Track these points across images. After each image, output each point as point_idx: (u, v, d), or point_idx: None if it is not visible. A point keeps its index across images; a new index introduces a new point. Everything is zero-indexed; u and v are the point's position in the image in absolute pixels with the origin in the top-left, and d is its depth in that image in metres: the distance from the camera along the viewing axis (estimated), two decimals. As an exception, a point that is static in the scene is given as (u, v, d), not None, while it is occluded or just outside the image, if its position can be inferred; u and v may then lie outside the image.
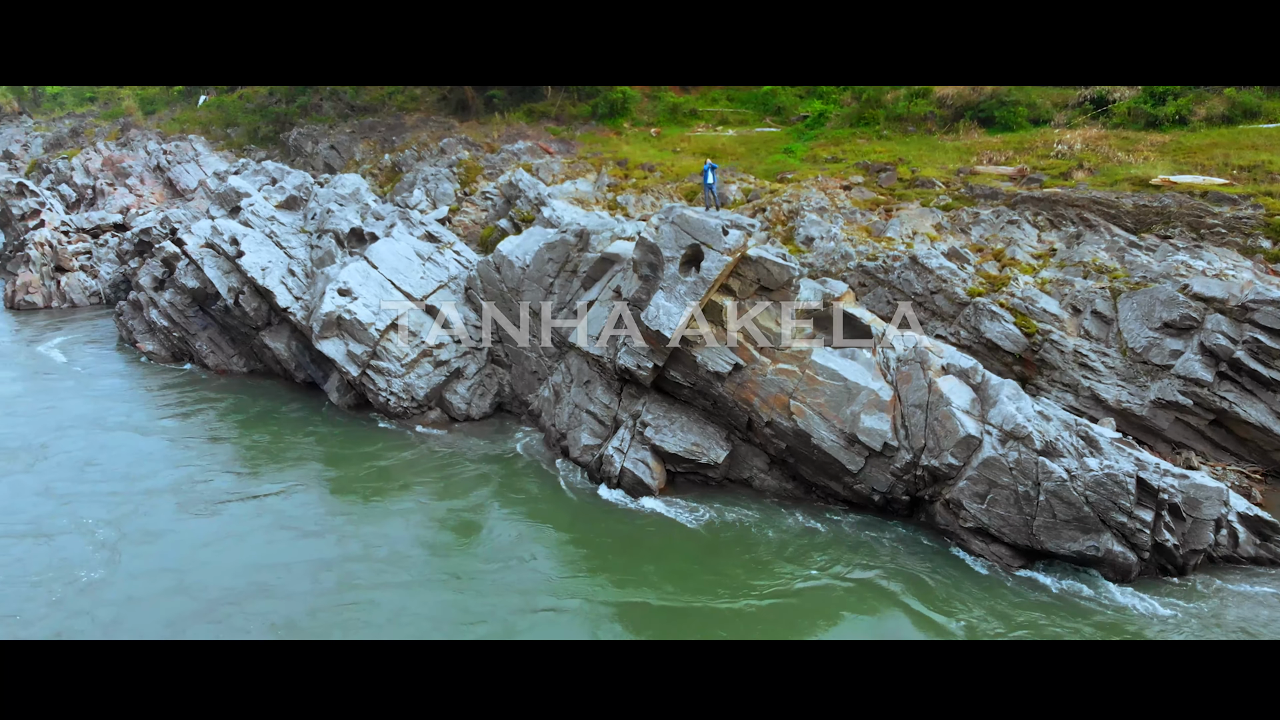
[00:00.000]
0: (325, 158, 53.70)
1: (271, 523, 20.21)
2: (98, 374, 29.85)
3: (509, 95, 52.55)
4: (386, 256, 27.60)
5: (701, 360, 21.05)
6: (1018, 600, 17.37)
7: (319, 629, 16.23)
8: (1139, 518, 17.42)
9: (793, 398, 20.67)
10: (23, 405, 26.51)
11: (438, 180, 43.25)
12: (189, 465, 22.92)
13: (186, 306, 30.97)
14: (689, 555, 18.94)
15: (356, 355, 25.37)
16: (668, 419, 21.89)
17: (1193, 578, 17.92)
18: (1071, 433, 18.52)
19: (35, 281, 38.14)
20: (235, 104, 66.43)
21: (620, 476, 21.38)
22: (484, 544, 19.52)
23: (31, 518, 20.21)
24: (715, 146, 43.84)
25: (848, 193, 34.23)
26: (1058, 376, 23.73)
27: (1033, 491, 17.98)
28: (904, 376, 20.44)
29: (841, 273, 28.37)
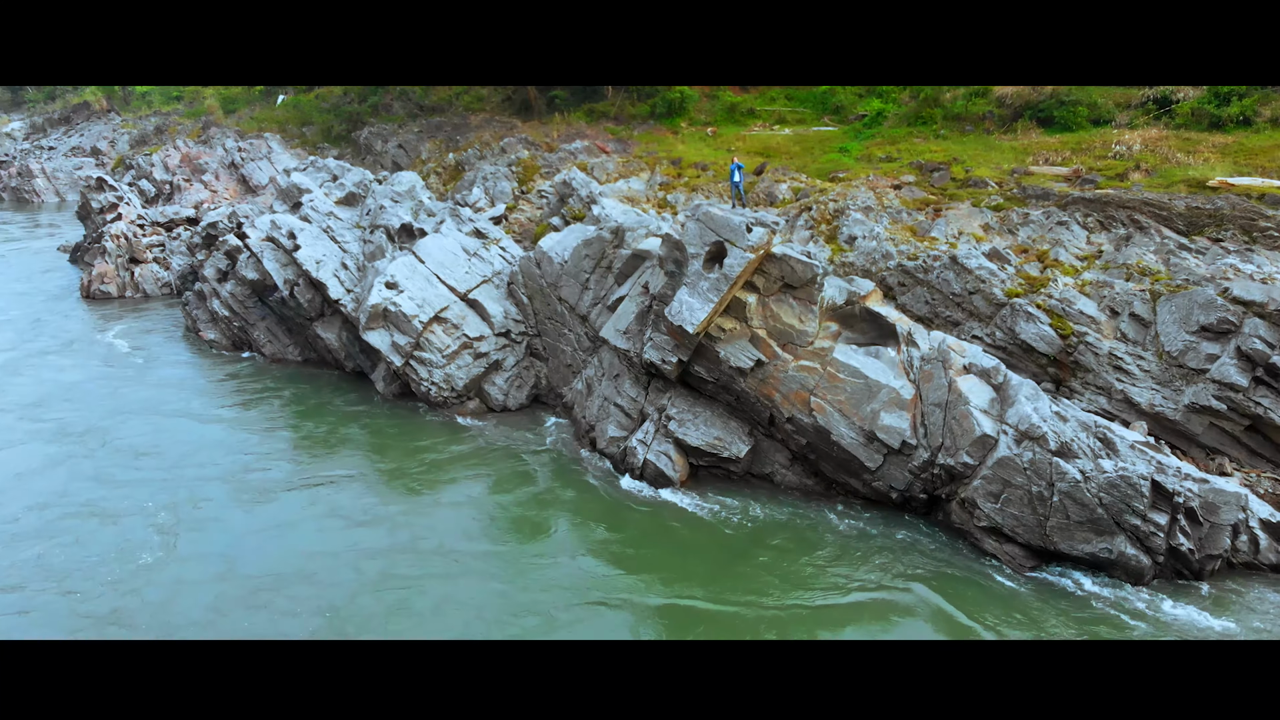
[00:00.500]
0: (394, 156, 55.39)
1: (321, 512, 21.08)
2: (162, 361, 31.51)
3: (571, 95, 53.55)
4: (433, 251, 28.65)
5: (724, 355, 21.53)
6: (1038, 603, 17.45)
7: (359, 616, 16.94)
8: (1153, 521, 17.38)
9: (813, 394, 21.01)
10: (88, 391, 28.16)
11: (496, 179, 44.40)
12: (244, 453, 23.99)
13: (246, 297, 32.54)
14: (707, 552, 19.43)
15: (400, 346, 26.45)
16: (692, 413, 22.41)
17: (1212, 583, 17.80)
18: (1089, 434, 18.53)
19: (110, 272, 40.35)
20: (311, 103, 68.83)
21: (643, 468, 21.99)
22: (521, 536, 20.16)
23: (97, 500, 21.34)
24: (770, 145, 44.14)
25: (897, 192, 34.24)
26: (1091, 379, 23.56)
27: (1046, 492, 18.05)
28: (926, 375, 20.63)
29: (881, 272, 28.47)
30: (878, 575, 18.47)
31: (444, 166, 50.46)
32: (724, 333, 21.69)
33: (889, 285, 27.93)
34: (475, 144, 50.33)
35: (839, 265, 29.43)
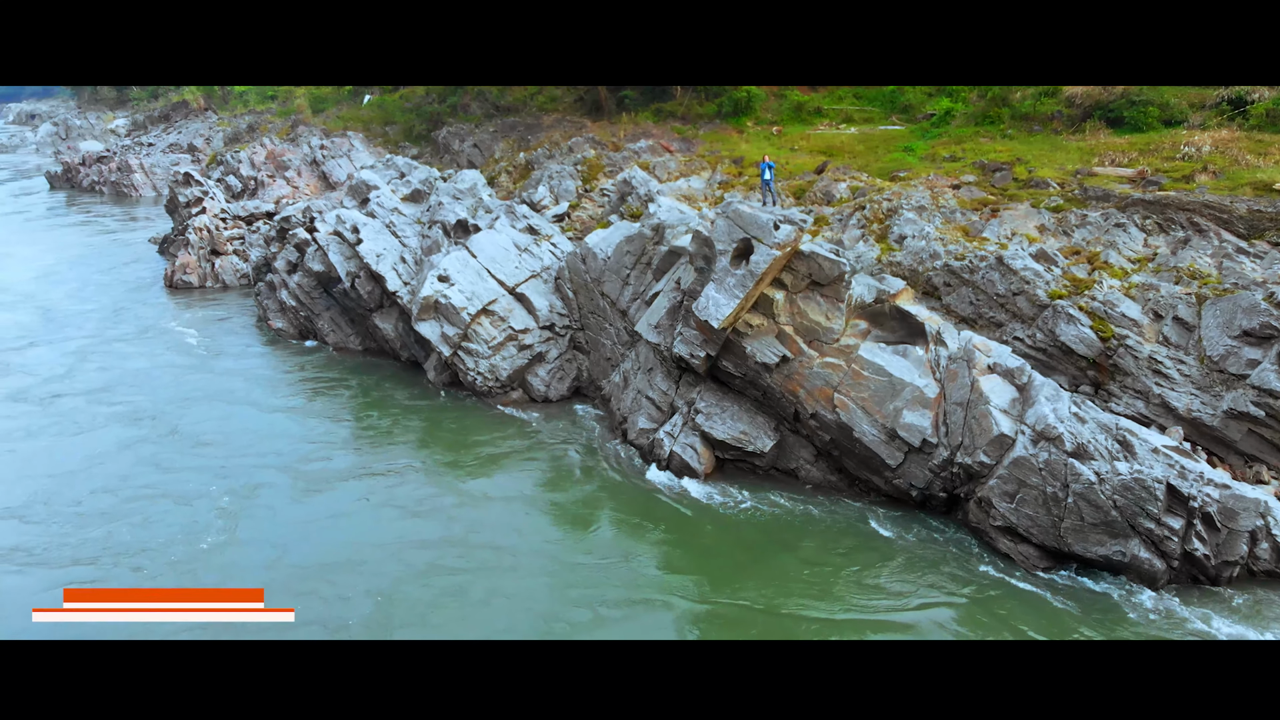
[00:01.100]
0: (469, 155, 57.01)
1: (377, 502, 21.95)
2: (231, 349, 33.36)
3: (640, 95, 54.35)
4: (486, 246, 29.77)
5: (751, 351, 22.03)
6: (1051, 605, 17.55)
7: (401, 602, 17.64)
8: (1167, 525, 17.33)
9: (837, 391, 21.38)
10: (158, 377, 29.96)
11: (561, 177, 45.49)
12: (304, 442, 25.17)
13: (312, 288, 34.21)
14: (725, 550, 19.98)
15: (449, 337, 27.62)
16: (720, 407, 22.97)
17: (1230, 590, 17.64)
18: (1108, 436, 18.51)
19: (192, 263, 42.70)
20: (395, 103, 71.08)
21: (669, 459, 22.65)
22: (558, 529, 20.89)
23: (164, 484, 22.65)
24: (834, 145, 44.21)
25: (956, 192, 34.11)
26: (1130, 383, 23.33)
27: (1061, 493, 18.12)
28: (951, 374, 20.81)
29: (928, 271, 28.51)
30: (894, 575, 18.74)
31: (515, 165, 51.78)
32: (751, 329, 22.20)
33: (934, 285, 27.97)
34: (545, 144, 51.51)
35: (886, 264, 29.58)
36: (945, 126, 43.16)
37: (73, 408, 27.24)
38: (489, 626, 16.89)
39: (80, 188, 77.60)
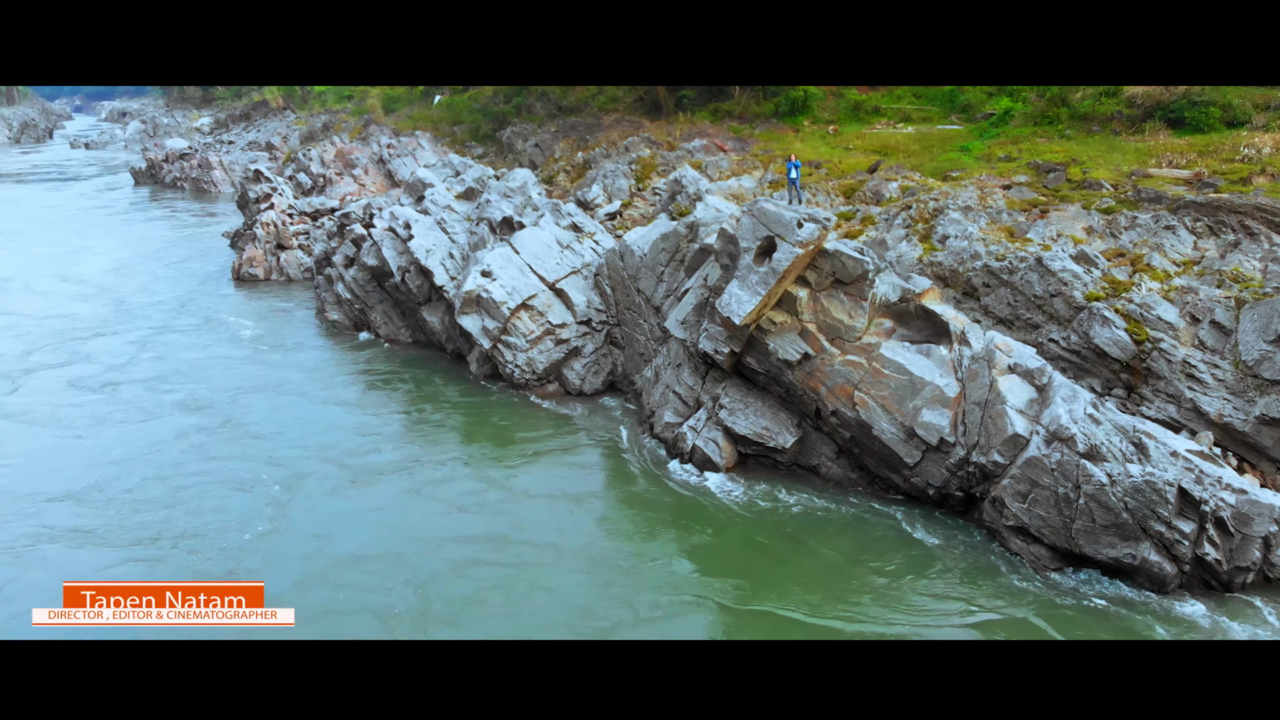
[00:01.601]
0: (530, 154, 58.08)
1: (423, 495, 22.44)
2: (289, 339, 34.78)
3: (698, 95, 54.84)
4: (528, 243, 30.62)
5: (773, 348, 22.41)
6: (1059, 606, 17.64)
7: (435, 594, 18.03)
8: (1178, 528, 17.26)
9: (858, 388, 21.64)
10: (217, 366, 31.25)
11: (615, 176, 46.21)
12: (353, 433, 25.90)
13: (366, 282, 35.50)
14: (734, 546, 20.46)
15: (489, 330, 28.52)
16: (744, 403, 23.39)
17: (1244, 596, 17.49)
18: (1123, 438, 18.47)
19: (259, 256, 44.52)
20: (463, 104, 72.68)
21: (691, 453, 23.15)
22: (588, 524, 21.28)
23: (219, 472, 23.40)
24: (889, 144, 44.16)
25: (1006, 193, 33.91)
26: (1162, 387, 23.09)
27: (1072, 494, 18.16)
28: (971, 374, 20.92)
29: (967, 272, 28.48)
30: (906, 572, 18.93)
31: (573, 165, 52.68)
32: (775, 326, 22.57)
33: (974, 285, 27.97)
34: (602, 143, 52.32)
35: (927, 264, 29.65)
36: (1004, 126, 42.77)
37: (133, 396, 28.52)
38: (522, 624, 17.11)
39: (163, 183, 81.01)
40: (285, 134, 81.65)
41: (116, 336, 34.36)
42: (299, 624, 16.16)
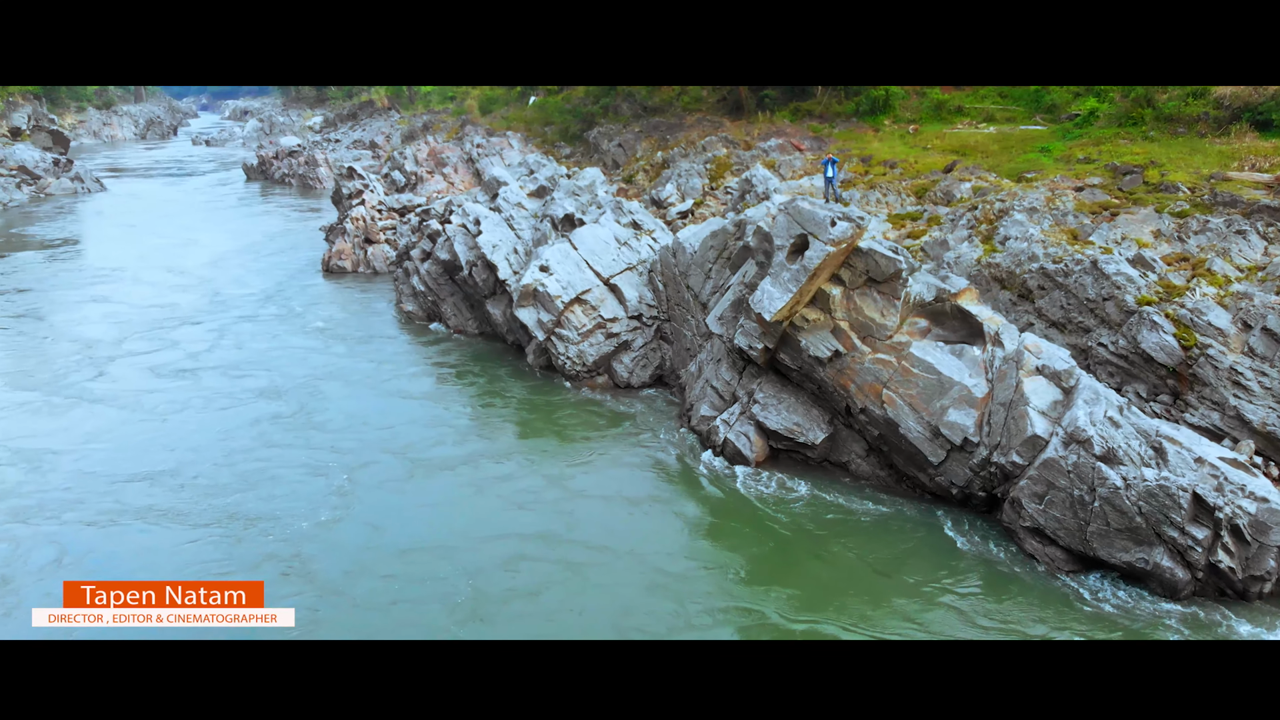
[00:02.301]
0: (613, 154, 59.26)
1: (480, 490, 22.90)
2: (367, 330, 36.54)
3: (780, 95, 55.09)
4: (587, 239, 31.63)
5: (805, 345, 22.83)
6: (1072, 609, 17.70)
7: (479, 590, 18.27)
8: (1191, 534, 17.11)
9: (886, 387, 21.89)
10: (297, 355, 33.05)
11: (689, 175, 47.01)
12: (418, 426, 26.68)
13: (439, 275, 37.08)
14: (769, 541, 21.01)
15: (544, 323, 29.63)
16: (777, 399, 23.85)
17: (1263, 606, 17.21)
18: (1143, 442, 18.34)
19: (347, 250, 46.77)
20: (556, 104, 74.39)
21: (723, 446, 23.74)
22: (633, 521, 21.71)
23: (289, 459, 24.40)
24: (967, 144, 43.74)
25: (1078, 194, 33.43)
26: (1208, 394, 22.64)
27: (1088, 496, 18.15)
28: (1000, 375, 20.98)
29: (1024, 274, 28.30)
30: (920, 572, 19.14)
31: (652, 164, 53.64)
32: (808, 323, 22.98)
33: (1029, 288, 27.85)
34: (681, 143, 53.10)
35: (985, 265, 29.61)
36: (1088, 128, 41.93)
37: (213, 383, 30.21)
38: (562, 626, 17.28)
39: (272, 179, 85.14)
40: (388, 133, 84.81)
41: (203, 325, 36.55)
42: (346, 612, 17.39)
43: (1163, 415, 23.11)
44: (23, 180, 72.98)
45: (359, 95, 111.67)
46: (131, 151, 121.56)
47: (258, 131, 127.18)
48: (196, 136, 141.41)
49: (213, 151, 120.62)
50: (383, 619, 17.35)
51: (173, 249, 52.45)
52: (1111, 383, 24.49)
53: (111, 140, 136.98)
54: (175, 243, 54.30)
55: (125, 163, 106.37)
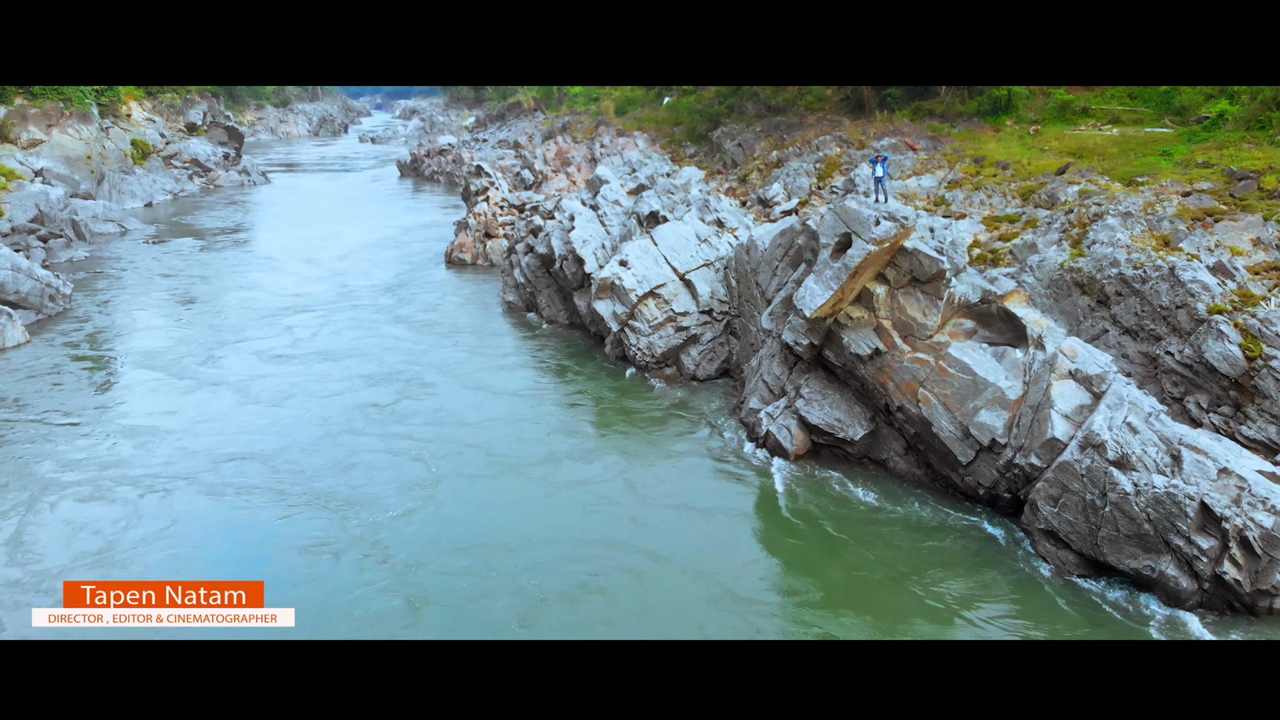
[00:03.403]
0: (733, 154, 60.16)
1: (544, 484, 23.68)
2: (468, 318, 38.84)
3: (903, 94, 54.66)
4: (667, 236, 32.81)
5: (847, 341, 23.32)
6: (1081, 614, 17.81)
7: (541, 587, 18.69)
8: (1197, 544, 16.87)
9: (922, 385, 22.17)
10: (401, 345, 35.29)
11: (798, 175, 47.53)
12: (501, 421, 27.58)
13: (537, 268, 39.00)
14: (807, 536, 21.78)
15: (618, 314, 30.99)
16: (822, 394, 24.41)
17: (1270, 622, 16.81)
18: (1163, 450, 18.11)
19: (468, 243, 49.46)
20: (688, 105, 75.76)
21: (765, 438, 24.48)
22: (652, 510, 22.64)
23: (389, 448, 25.56)
24: (1085, 146, 42.61)
25: (1184, 200, 32.37)
26: (1267, 406, 21.85)
27: (1099, 501, 18.10)
28: (1035, 377, 20.98)
29: (1103, 279, 27.75)
30: (938, 570, 19.45)
31: (766, 163, 54.26)
32: (851, 320, 23.47)
33: (1107, 294, 27.42)
34: (797, 142, 53.50)
35: (1067, 270, 29.29)
36: (1215, 131, 40.10)
37: (319, 370, 32.19)
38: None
39: (423, 176, 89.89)
40: (531, 133, 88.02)
41: (321, 314, 39.34)
42: (412, 605, 18.01)
43: (1220, 427, 22.47)
44: (194, 172, 79.86)
45: (510, 96, 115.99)
46: (302, 147, 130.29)
47: (419, 130, 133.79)
48: (363, 134, 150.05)
49: (376, 149, 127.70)
50: (436, 617, 17.75)
51: (316, 241, 56.54)
52: (1175, 392, 23.93)
53: (287, 136, 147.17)
54: (319, 235, 58.46)
55: (294, 158, 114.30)
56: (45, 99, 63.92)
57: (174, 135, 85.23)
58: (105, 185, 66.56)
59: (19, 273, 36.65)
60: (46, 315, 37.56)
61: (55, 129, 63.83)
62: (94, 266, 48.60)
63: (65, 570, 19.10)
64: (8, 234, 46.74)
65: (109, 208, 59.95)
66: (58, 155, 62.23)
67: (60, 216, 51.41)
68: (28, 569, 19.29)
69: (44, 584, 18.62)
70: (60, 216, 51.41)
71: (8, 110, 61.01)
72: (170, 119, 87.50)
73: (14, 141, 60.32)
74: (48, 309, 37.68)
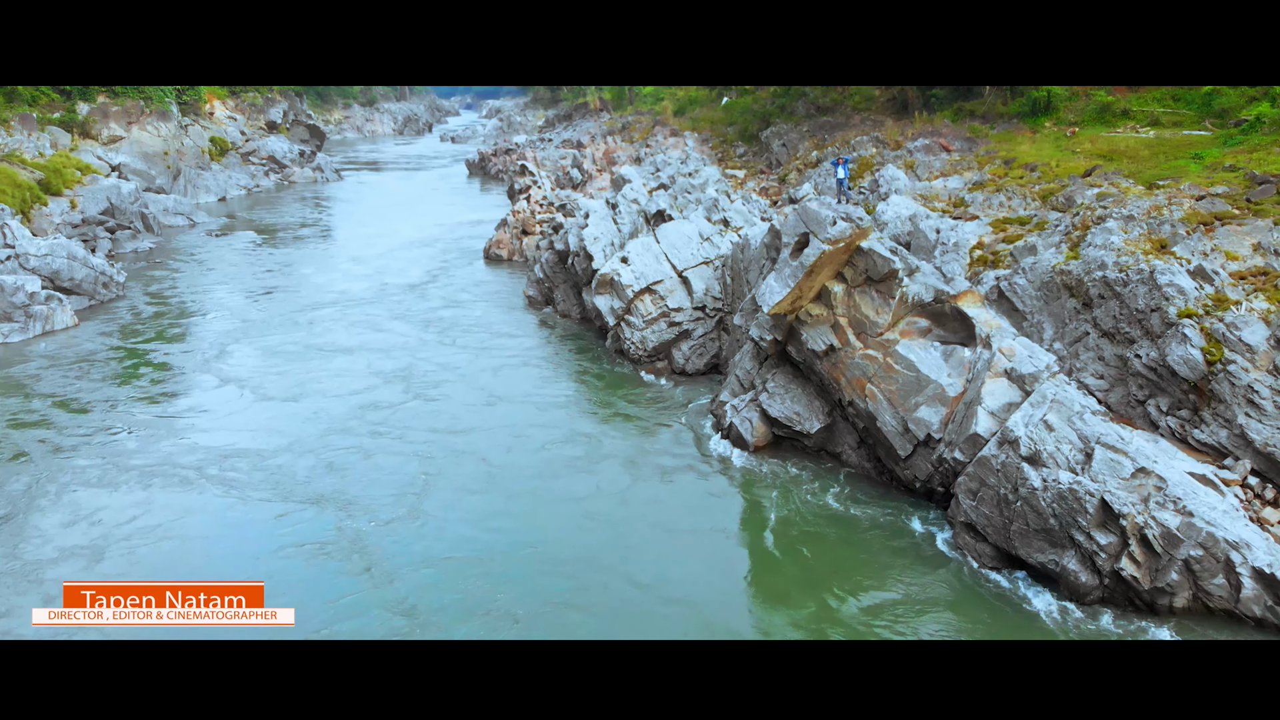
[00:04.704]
0: (778, 154, 60.81)
1: (509, 475, 24.45)
2: (489, 311, 40.50)
3: (947, 94, 54.58)
4: (670, 234, 33.87)
5: (805, 338, 24.10)
6: (985, 604, 18.42)
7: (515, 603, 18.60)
8: (1096, 540, 17.29)
9: (870, 381, 22.84)
10: (421, 338, 36.98)
11: (828, 175, 48.00)
12: (502, 420, 28.09)
13: (555, 264, 40.44)
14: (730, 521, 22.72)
15: (615, 309, 32.20)
16: (785, 389, 25.21)
17: (1177, 622, 17.10)
18: (1076, 448, 18.52)
19: (505, 240, 51.24)
20: (744, 105, 76.48)
21: (728, 430, 25.40)
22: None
23: (393, 449, 25.86)
24: (1117, 149, 42.28)
25: (1196, 203, 32.13)
26: (1221, 410, 21.89)
27: (1011, 496, 18.63)
28: (975, 375, 21.49)
29: (1089, 282, 27.84)
30: (866, 560, 20.18)
31: (806, 163, 54.79)
32: (811, 317, 24.23)
33: (1091, 297, 27.57)
34: (837, 142, 53.88)
35: (1057, 272, 29.47)
36: (1252, 134, 39.38)
37: (337, 365, 33.15)
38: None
39: (489, 175, 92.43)
40: (594, 133, 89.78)
41: (347, 308, 40.95)
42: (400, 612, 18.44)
43: (1176, 430, 22.60)
44: (270, 169, 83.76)
45: (580, 97, 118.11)
46: (385, 146, 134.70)
47: (496, 130, 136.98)
48: (444, 134, 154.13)
49: (454, 148, 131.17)
50: (394, 624, 17.93)
51: (367, 237, 58.93)
52: (1140, 395, 24.07)
53: (372, 135, 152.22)
54: (373, 231, 60.93)
55: (373, 156, 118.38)
56: (126, 97, 68.09)
57: (254, 133, 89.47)
58: (180, 180, 70.52)
59: (74, 261, 39.64)
60: (99, 301, 40.50)
61: (135, 126, 67.91)
62: (155, 257, 51.87)
63: (54, 563, 19.75)
64: (78, 224, 50.19)
65: (179, 201, 63.54)
66: (136, 151, 66.19)
67: (130, 209, 54.81)
68: (22, 561, 19.88)
69: (32, 575, 19.26)
70: (130, 209, 54.81)
71: (90, 108, 65.17)
72: (251, 117, 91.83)
73: (95, 137, 64.41)
74: (100, 296, 40.64)
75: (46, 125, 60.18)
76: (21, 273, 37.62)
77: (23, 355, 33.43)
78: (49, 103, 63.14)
